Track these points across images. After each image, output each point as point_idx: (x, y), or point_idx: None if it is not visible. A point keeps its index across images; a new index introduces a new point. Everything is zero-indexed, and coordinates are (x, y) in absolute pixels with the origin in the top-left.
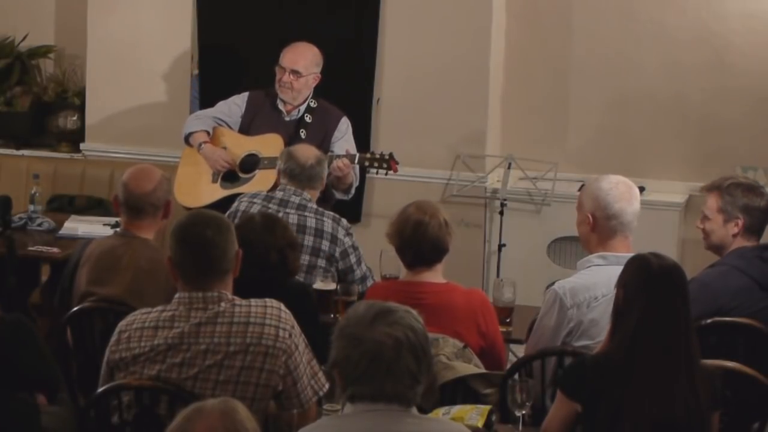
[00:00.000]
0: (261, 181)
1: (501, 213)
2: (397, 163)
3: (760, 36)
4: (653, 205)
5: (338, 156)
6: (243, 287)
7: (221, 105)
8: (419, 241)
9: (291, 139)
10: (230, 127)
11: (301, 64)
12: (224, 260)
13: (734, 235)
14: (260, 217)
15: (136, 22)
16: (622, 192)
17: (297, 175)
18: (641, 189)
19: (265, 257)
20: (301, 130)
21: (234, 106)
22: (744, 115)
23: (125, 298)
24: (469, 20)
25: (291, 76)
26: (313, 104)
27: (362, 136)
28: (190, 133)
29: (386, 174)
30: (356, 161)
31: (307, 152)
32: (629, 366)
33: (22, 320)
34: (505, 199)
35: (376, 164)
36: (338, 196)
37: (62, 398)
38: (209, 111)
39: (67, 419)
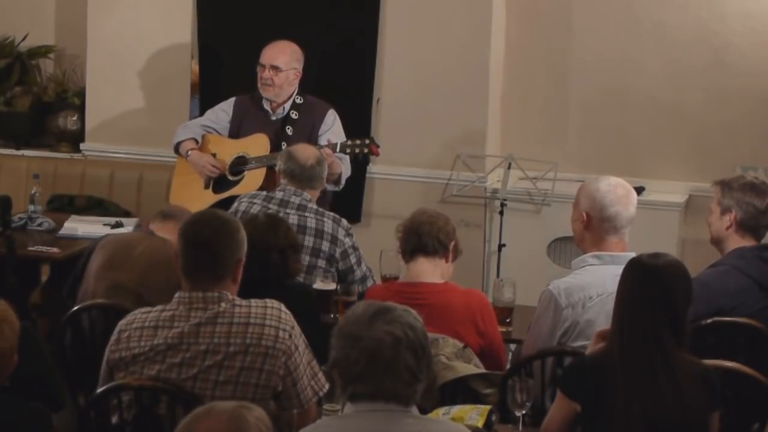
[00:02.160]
0: (250, 181)
1: (501, 213)
2: (377, 147)
3: (760, 36)
4: (653, 205)
5: (320, 146)
6: (243, 287)
7: (209, 113)
8: (424, 226)
9: (277, 137)
10: (219, 134)
11: (281, 59)
12: (226, 262)
13: (727, 228)
14: (264, 217)
15: (136, 22)
16: (619, 196)
17: (297, 175)
18: (641, 189)
19: (265, 257)
20: (287, 127)
21: (221, 112)
22: (744, 115)
23: (135, 285)
24: (469, 20)
25: (271, 72)
26: (299, 100)
27: (361, 135)
28: (179, 143)
29: (368, 158)
30: (338, 150)
31: (306, 152)
32: (619, 364)
33: (30, 329)
34: (505, 199)
35: (357, 150)
36: (329, 188)
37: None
38: (197, 120)
39: (67, 420)
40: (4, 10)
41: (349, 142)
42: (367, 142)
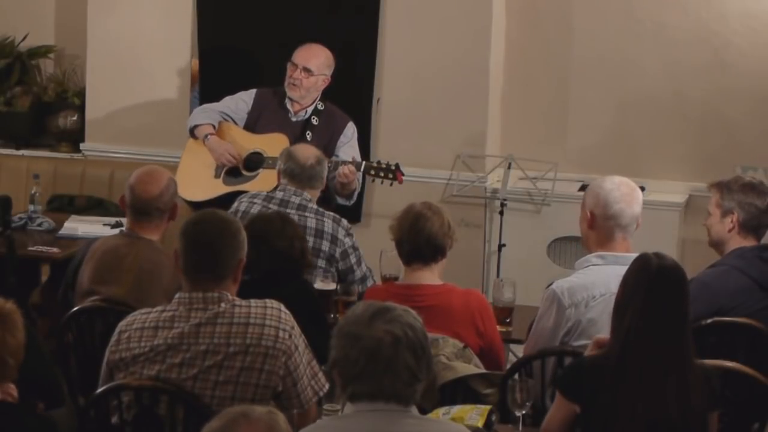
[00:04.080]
0: (264, 180)
1: (501, 213)
2: (402, 174)
3: (760, 36)
4: (653, 205)
5: (344, 162)
6: (251, 285)
7: (228, 100)
8: (417, 233)
9: (296, 140)
10: (236, 123)
11: (314, 62)
12: (228, 262)
13: (729, 231)
14: (273, 213)
15: (136, 22)
16: (623, 194)
17: (297, 175)
18: (641, 189)
19: (289, 247)
20: (307, 132)
21: (241, 102)
22: (744, 115)
23: (127, 298)
24: (469, 20)
25: (302, 74)
26: (320, 106)
27: (363, 137)
28: (196, 126)
29: (391, 184)
30: (362, 169)
31: (306, 152)
32: (624, 365)
33: (28, 326)
34: (505, 199)
35: (381, 174)
36: (340, 201)
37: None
38: (215, 105)
39: (67, 419)
40: (4, 10)
41: (375, 164)
42: (393, 167)
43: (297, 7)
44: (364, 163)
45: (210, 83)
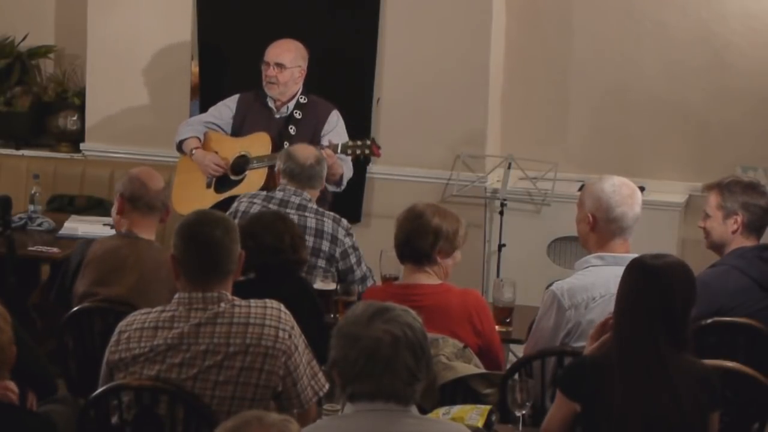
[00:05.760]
0: (251, 181)
1: (501, 213)
2: (378, 148)
3: (760, 36)
4: (653, 205)
5: (321, 147)
6: (247, 284)
7: (212, 109)
8: (414, 237)
9: (280, 136)
10: (222, 130)
11: (285, 56)
12: (228, 261)
13: (734, 232)
14: (269, 212)
15: (136, 22)
16: (624, 196)
17: (297, 174)
18: (641, 189)
19: (279, 241)
20: (290, 127)
21: (224, 108)
22: (744, 115)
23: (130, 298)
24: (469, 20)
25: (275, 69)
26: (303, 100)
27: (362, 136)
28: (182, 141)
29: (369, 158)
30: (339, 151)
31: (306, 152)
32: (624, 364)
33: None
34: (505, 199)
35: (358, 151)
36: (330, 188)
37: (65, 397)
38: (200, 117)
39: (69, 417)
40: (4, 10)
41: (350, 143)
42: (368, 143)
43: (297, 7)
44: (340, 144)
45: (210, 83)
